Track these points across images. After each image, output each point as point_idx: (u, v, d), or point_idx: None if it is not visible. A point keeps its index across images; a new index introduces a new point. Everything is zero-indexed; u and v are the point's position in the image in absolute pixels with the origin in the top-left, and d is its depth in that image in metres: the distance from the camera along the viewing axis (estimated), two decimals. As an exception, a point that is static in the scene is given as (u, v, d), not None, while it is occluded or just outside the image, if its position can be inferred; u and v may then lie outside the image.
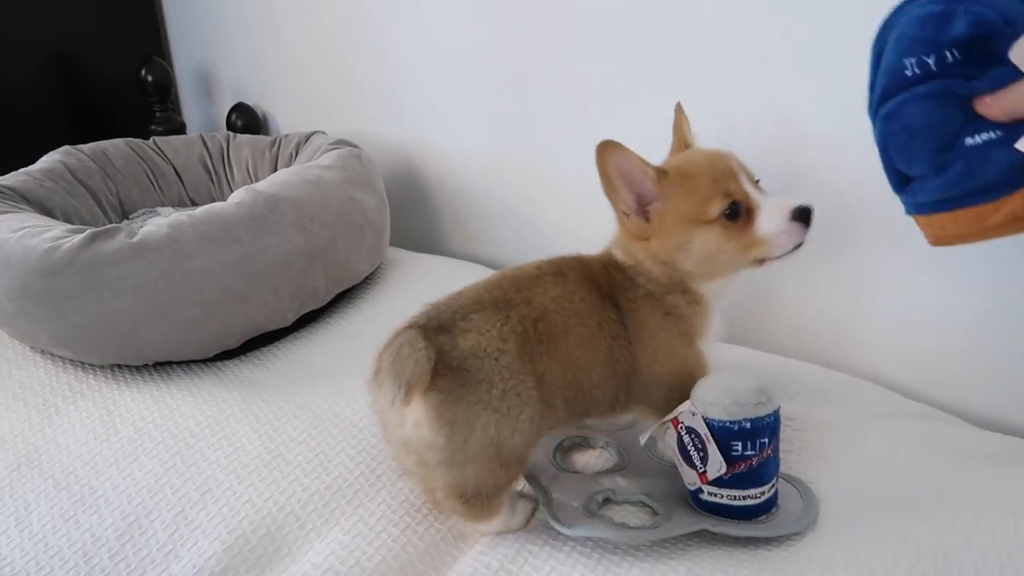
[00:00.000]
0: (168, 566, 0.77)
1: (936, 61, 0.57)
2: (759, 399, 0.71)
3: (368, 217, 1.30)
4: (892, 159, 0.62)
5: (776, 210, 0.74)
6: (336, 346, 1.19)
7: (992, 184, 0.57)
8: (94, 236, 1.04)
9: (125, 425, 0.98)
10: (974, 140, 0.56)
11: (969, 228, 0.59)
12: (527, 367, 0.71)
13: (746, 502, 0.72)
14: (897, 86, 0.60)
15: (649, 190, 0.76)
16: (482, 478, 0.71)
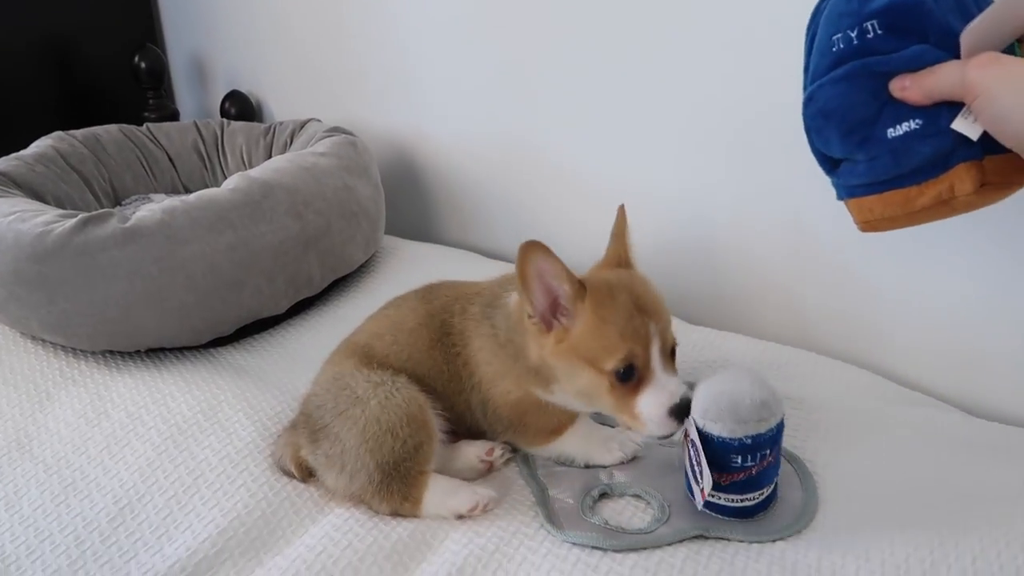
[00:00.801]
0: (161, 548, 0.76)
1: (858, 34, 0.56)
2: (761, 415, 0.68)
3: (363, 205, 1.29)
4: (813, 141, 0.62)
5: (659, 399, 0.71)
6: (330, 333, 1.16)
7: (918, 168, 0.57)
8: (86, 221, 1.03)
9: (117, 410, 0.97)
10: (896, 131, 0.56)
11: (896, 210, 0.59)
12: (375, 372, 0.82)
13: (744, 504, 0.72)
14: (825, 64, 0.59)
15: (563, 303, 0.73)
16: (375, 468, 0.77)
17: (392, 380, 0.81)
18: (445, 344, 0.84)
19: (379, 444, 0.77)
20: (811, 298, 1.11)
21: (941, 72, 0.52)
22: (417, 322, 0.86)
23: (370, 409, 0.78)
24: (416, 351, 0.84)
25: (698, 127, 1.14)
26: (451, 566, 0.71)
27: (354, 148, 1.35)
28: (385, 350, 0.85)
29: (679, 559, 0.69)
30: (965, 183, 0.55)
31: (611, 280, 0.75)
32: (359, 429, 0.78)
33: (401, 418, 0.77)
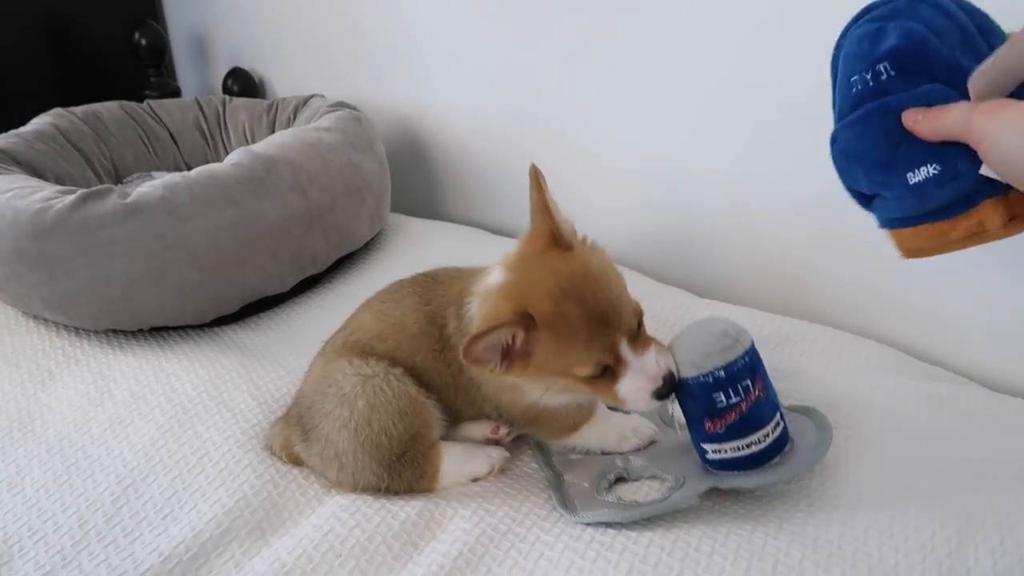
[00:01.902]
0: (166, 528, 0.75)
1: (873, 76, 0.58)
2: (725, 343, 0.68)
3: (368, 181, 1.26)
4: (844, 180, 0.63)
5: (637, 383, 0.69)
6: (336, 312, 1.14)
7: (943, 207, 0.58)
8: (85, 197, 1.00)
9: (120, 390, 0.96)
10: (915, 176, 0.57)
11: (931, 242, 0.61)
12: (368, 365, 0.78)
13: (752, 449, 0.69)
14: (847, 105, 0.61)
15: (519, 346, 0.68)
16: (379, 466, 0.76)
17: (385, 372, 0.76)
18: (447, 358, 0.78)
19: (375, 446, 0.75)
20: (826, 272, 1.08)
21: (949, 113, 0.53)
22: (419, 328, 0.80)
23: (358, 410, 0.75)
24: (421, 360, 0.79)
25: (710, 101, 1.11)
26: (462, 545, 0.69)
27: (359, 123, 1.32)
28: (388, 353, 0.80)
29: (695, 537, 0.67)
30: (994, 218, 0.57)
31: (555, 291, 0.67)
32: (350, 433, 0.75)
33: (392, 416, 0.75)
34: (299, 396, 0.84)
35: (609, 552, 0.66)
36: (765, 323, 1.03)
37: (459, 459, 0.78)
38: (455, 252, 1.30)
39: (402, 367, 0.79)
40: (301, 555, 0.70)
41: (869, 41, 0.59)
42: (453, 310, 0.79)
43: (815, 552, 0.65)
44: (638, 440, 0.80)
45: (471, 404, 0.80)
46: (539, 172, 0.74)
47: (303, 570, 0.69)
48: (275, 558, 0.70)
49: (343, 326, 0.87)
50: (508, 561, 0.67)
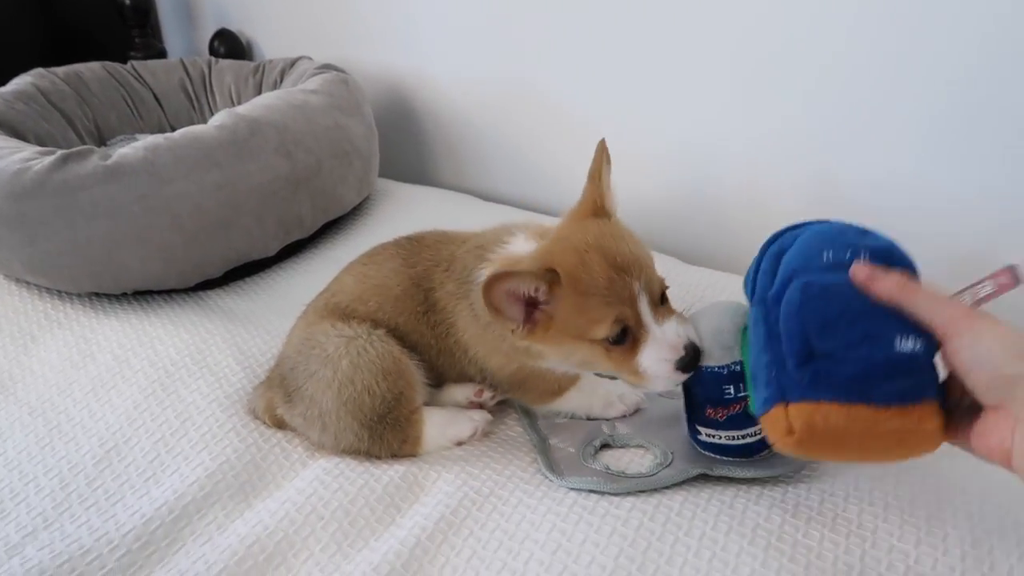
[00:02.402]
0: (148, 491, 0.75)
1: (851, 256, 0.59)
2: (743, 338, 0.67)
3: (355, 144, 1.24)
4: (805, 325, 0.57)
5: (660, 353, 0.66)
6: (322, 277, 1.12)
7: (898, 391, 0.55)
8: (65, 158, 0.99)
9: (103, 353, 0.95)
10: (902, 347, 0.55)
11: (856, 426, 0.55)
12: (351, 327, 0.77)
13: (744, 440, 0.70)
14: (808, 268, 0.60)
15: (540, 298, 0.67)
16: (360, 427, 0.75)
17: (368, 333, 0.76)
18: (433, 319, 0.78)
19: (358, 405, 0.75)
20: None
21: (926, 296, 0.54)
22: (402, 289, 0.79)
23: (342, 370, 0.75)
24: (404, 322, 0.79)
25: (709, 66, 1.09)
26: (444, 508, 0.69)
27: (346, 86, 1.30)
28: (370, 315, 0.79)
29: (677, 502, 0.67)
30: (931, 420, 0.55)
31: (581, 245, 0.67)
32: (334, 392, 0.75)
33: (376, 375, 0.74)
34: (281, 358, 0.83)
35: (591, 515, 0.66)
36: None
37: (442, 423, 0.78)
38: (445, 218, 1.28)
39: (384, 328, 0.78)
40: (284, 518, 0.70)
41: (854, 233, 0.61)
42: (439, 277, 0.78)
43: (795, 517, 0.65)
44: (624, 407, 0.80)
45: (454, 365, 0.80)
46: (605, 145, 0.73)
47: (285, 532, 0.69)
48: (257, 520, 0.70)
49: (325, 289, 0.87)
50: (490, 524, 0.67)
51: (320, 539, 0.68)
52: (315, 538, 0.69)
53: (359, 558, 0.66)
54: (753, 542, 0.63)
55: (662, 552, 0.62)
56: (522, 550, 0.64)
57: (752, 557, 0.61)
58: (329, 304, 0.82)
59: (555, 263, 0.66)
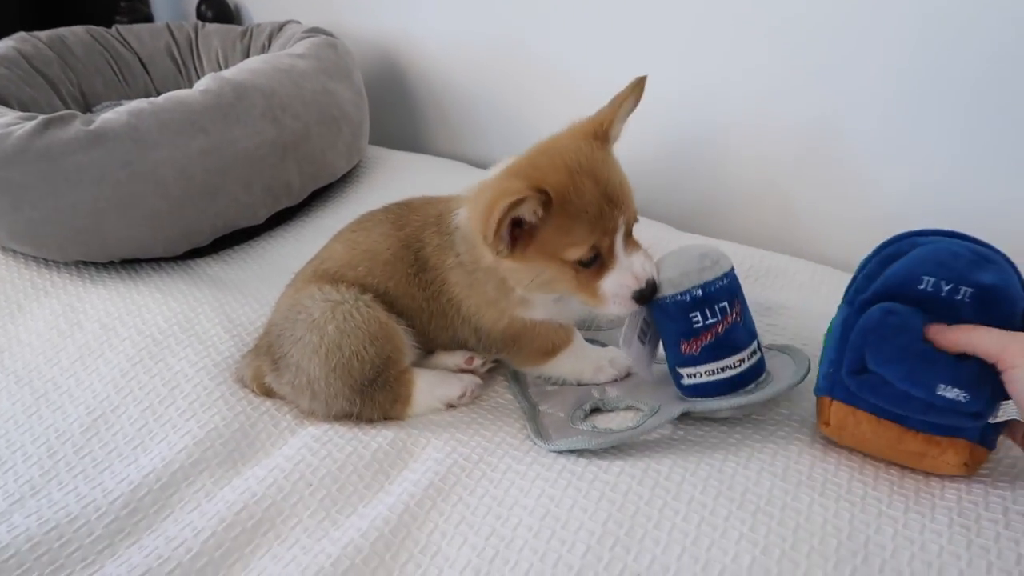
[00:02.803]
0: (136, 459, 0.74)
1: (950, 291, 0.60)
2: (703, 263, 0.69)
3: (344, 110, 1.22)
4: (866, 344, 0.62)
5: (623, 280, 0.69)
6: (313, 245, 1.11)
7: (934, 423, 0.60)
8: (47, 123, 0.97)
9: (90, 322, 0.94)
10: (946, 393, 0.58)
11: (881, 439, 0.63)
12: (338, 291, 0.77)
13: (726, 373, 0.69)
14: (902, 290, 0.62)
15: (528, 219, 0.67)
16: (351, 391, 0.75)
17: (355, 298, 0.76)
18: (424, 280, 0.78)
19: (347, 370, 0.74)
20: (811, 203, 1.06)
21: (979, 332, 0.58)
22: (392, 253, 0.79)
23: (328, 335, 0.74)
24: (394, 285, 0.78)
25: (704, 24, 1.06)
26: (433, 474, 0.69)
27: (335, 50, 1.27)
28: (359, 280, 0.79)
29: (666, 466, 0.67)
30: (957, 456, 0.61)
31: (574, 165, 0.67)
32: (321, 358, 0.74)
33: (363, 340, 0.74)
34: (269, 326, 0.82)
35: (580, 481, 0.66)
36: (747, 256, 1.02)
37: (432, 384, 0.78)
38: (437, 185, 1.26)
39: (373, 294, 0.77)
40: (272, 484, 0.70)
41: (965, 263, 0.60)
42: (428, 235, 0.78)
43: (784, 481, 0.65)
44: (615, 371, 0.79)
45: (446, 328, 0.79)
46: (643, 83, 0.74)
47: (273, 499, 0.69)
48: (246, 487, 0.70)
49: (314, 257, 0.86)
50: (479, 490, 0.67)
51: (309, 505, 0.68)
52: (304, 504, 0.68)
53: (348, 524, 0.66)
54: (742, 506, 0.63)
55: (650, 516, 0.62)
56: (511, 516, 0.64)
57: (741, 521, 0.61)
58: (318, 271, 0.81)
59: (547, 182, 0.65)
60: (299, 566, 0.62)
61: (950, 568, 0.56)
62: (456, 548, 0.62)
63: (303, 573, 0.61)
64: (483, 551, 0.61)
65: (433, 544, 0.63)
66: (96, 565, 0.64)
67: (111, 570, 0.63)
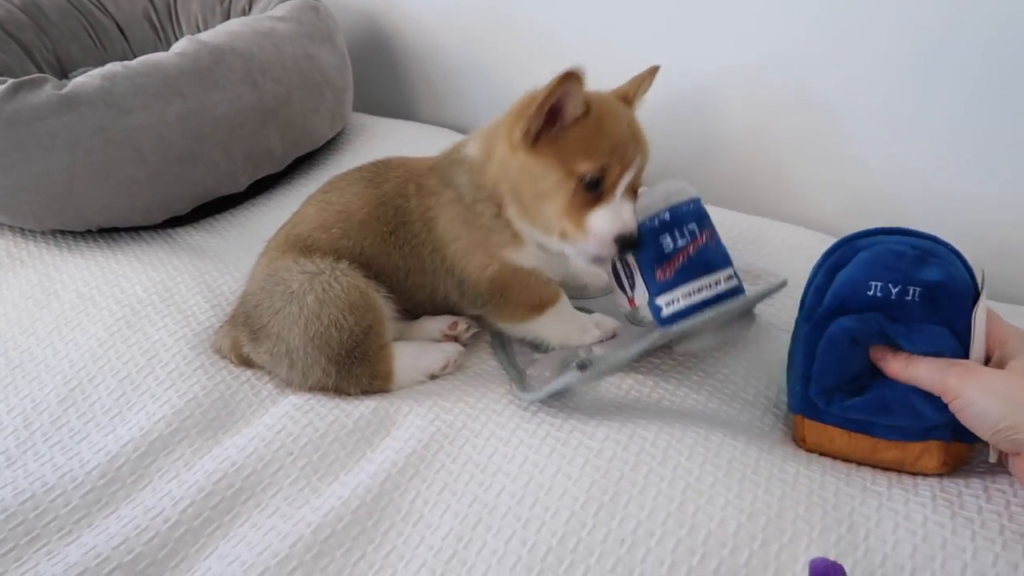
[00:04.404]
0: (114, 429, 0.73)
1: (899, 292, 0.60)
2: (669, 191, 0.71)
3: (327, 75, 1.19)
4: (828, 362, 0.63)
5: (610, 222, 0.69)
6: None
7: (902, 428, 0.61)
8: (17, 87, 0.94)
9: (67, 291, 0.92)
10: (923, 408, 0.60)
11: (856, 451, 0.64)
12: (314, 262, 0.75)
13: (703, 294, 0.69)
14: (854, 299, 0.62)
15: (565, 117, 0.68)
16: (328, 362, 0.74)
17: (331, 268, 0.74)
18: (403, 236, 0.77)
19: (325, 340, 0.73)
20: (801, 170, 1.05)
21: (921, 367, 0.59)
22: (367, 212, 0.77)
23: (308, 306, 0.73)
24: (370, 245, 0.77)
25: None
26: (416, 442, 0.68)
27: (316, 13, 1.24)
28: (332, 244, 0.77)
29: (652, 433, 0.66)
30: (933, 458, 0.61)
31: (616, 107, 0.72)
32: (301, 328, 0.73)
33: (343, 309, 0.73)
34: (245, 296, 0.80)
35: (564, 447, 0.65)
36: (736, 222, 1.01)
37: (413, 356, 0.76)
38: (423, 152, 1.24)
39: (348, 259, 0.76)
40: (252, 453, 0.69)
41: (909, 263, 0.60)
42: (413, 187, 0.78)
43: (771, 453, 0.65)
44: (600, 332, 0.78)
45: (425, 285, 0.78)
46: (656, 71, 0.78)
47: (253, 468, 0.68)
48: (225, 456, 0.69)
49: (285, 223, 0.84)
50: (462, 456, 0.66)
51: (290, 474, 0.67)
52: (284, 473, 0.67)
53: (329, 492, 0.65)
54: (728, 474, 0.62)
55: (635, 483, 0.61)
56: (494, 482, 0.63)
57: (727, 488, 0.61)
58: (290, 237, 0.80)
59: (590, 99, 0.69)
60: (279, 534, 0.61)
61: (935, 536, 0.56)
62: (439, 515, 0.61)
63: (283, 541, 0.60)
64: (466, 518, 0.60)
65: (416, 511, 0.62)
66: (73, 535, 0.64)
67: (88, 539, 0.62)
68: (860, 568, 0.54)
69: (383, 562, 0.59)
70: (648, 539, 0.57)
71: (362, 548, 0.60)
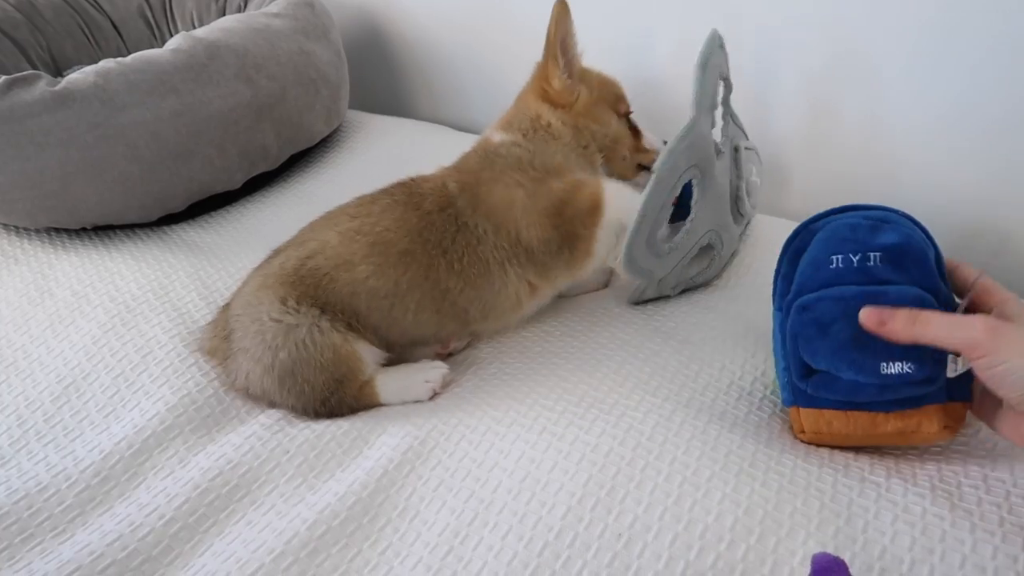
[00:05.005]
0: (108, 427, 0.73)
1: (860, 259, 0.60)
2: None
3: (322, 71, 1.19)
4: (799, 348, 0.61)
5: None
6: (291, 211, 1.11)
7: (895, 400, 0.60)
8: (10, 84, 0.93)
9: (61, 289, 0.92)
10: (889, 368, 0.58)
11: (857, 430, 0.62)
12: (298, 311, 0.72)
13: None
14: (819, 278, 0.61)
15: (572, 69, 0.85)
16: (307, 405, 0.73)
17: (310, 324, 0.71)
18: (461, 242, 0.74)
19: (300, 392, 0.71)
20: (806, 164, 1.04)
21: (937, 323, 0.55)
22: (410, 240, 0.74)
23: (280, 362, 0.71)
24: (410, 277, 0.73)
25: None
26: (412, 439, 0.68)
27: (311, 9, 1.23)
28: (359, 282, 0.73)
29: (648, 427, 0.65)
30: (932, 423, 0.60)
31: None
32: (274, 380, 0.72)
33: (313, 368, 0.71)
34: (231, 310, 0.78)
35: (560, 442, 0.65)
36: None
37: (398, 390, 0.74)
38: (420, 150, 1.24)
39: (364, 302, 0.73)
40: (248, 451, 0.69)
41: (864, 232, 0.61)
42: (455, 186, 0.77)
43: (768, 447, 0.64)
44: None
45: (486, 287, 0.76)
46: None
47: (249, 465, 0.67)
48: (221, 454, 0.69)
49: (299, 241, 0.78)
50: (458, 452, 0.66)
51: (286, 471, 0.67)
52: (280, 470, 0.67)
53: (325, 489, 0.65)
54: (725, 467, 0.62)
55: (632, 477, 0.61)
56: (490, 478, 0.63)
57: (723, 482, 0.60)
58: (302, 271, 0.74)
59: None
60: (274, 531, 0.60)
61: (934, 528, 0.55)
62: (435, 511, 0.61)
63: (279, 537, 0.60)
64: (462, 514, 0.60)
65: (411, 508, 0.62)
66: (67, 534, 0.63)
67: (82, 537, 0.62)
68: (859, 560, 0.53)
69: (379, 559, 0.58)
70: (645, 534, 0.56)
71: (358, 544, 0.59)
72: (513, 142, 0.81)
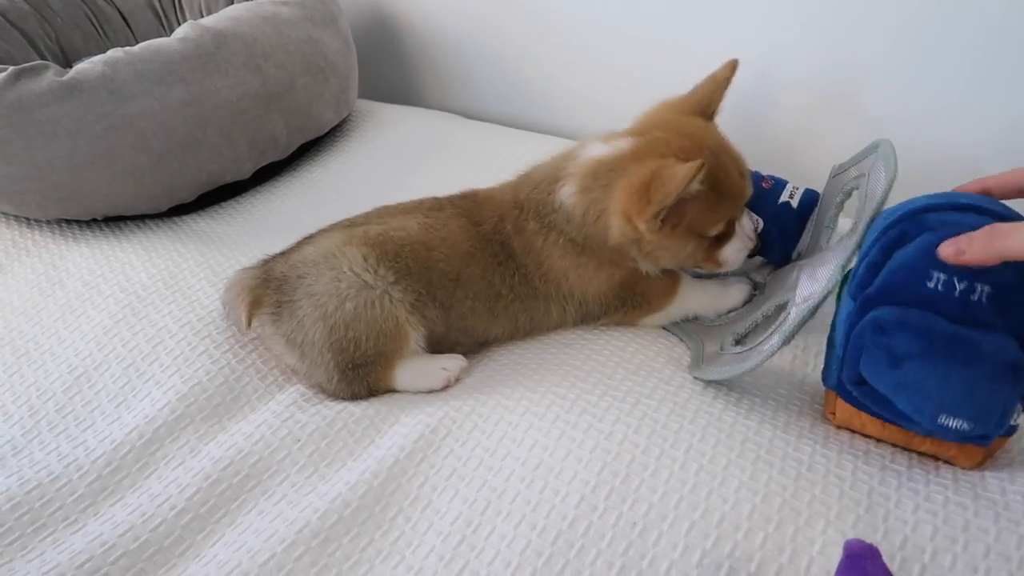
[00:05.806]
0: (119, 416, 0.72)
1: (965, 289, 0.52)
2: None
3: (331, 60, 1.18)
4: (860, 362, 0.57)
5: (740, 244, 0.75)
6: (301, 200, 1.11)
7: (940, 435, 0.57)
8: (18, 74, 0.93)
9: (72, 280, 0.91)
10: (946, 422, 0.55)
11: (889, 437, 0.61)
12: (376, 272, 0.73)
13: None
14: (908, 288, 0.54)
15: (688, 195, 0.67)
16: (335, 368, 0.72)
17: (386, 287, 0.72)
18: (511, 267, 0.76)
19: (341, 348, 0.71)
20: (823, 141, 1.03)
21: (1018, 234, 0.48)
22: (472, 245, 0.77)
23: (344, 312, 0.71)
24: (470, 273, 0.76)
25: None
26: (424, 427, 0.67)
27: (319, -3, 1.22)
28: (431, 263, 0.75)
29: (663, 415, 0.65)
30: (968, 460, 0.59)
31: (712, 144, 0.71)
32: (326, 328, 0.71)
33: (371, 330, 0.71)
34: (293, 259, 0.77)
35: (574, 430, 0.64)
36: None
37: (412, 377, 0.74)
38: (429, 139, 1.24)
39: (434, 281, 0.75)
40: (259, 440, 0.68)
41: None
42: (510, 226, 0.77)
43: (785, 432, 0.63)
44: (741, 290, 0.79)
45: (534, 309, 0.78)
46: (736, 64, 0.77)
47: (260, 455, 0.67)
48: (232, 443, 0.68)
49: (381, 218, 0.80)
50: (471, 441, 0.65)
51: (297, 460, 0.67)
52: (291, 460, 0.67)
53: (336, 478, 0.64)
54: (742, 455, 0.61)
55: (647, 465, 0.60)
56: (503, 467, 0.62)
57: (740, 470, 0.59)
58: (384, 236, 0.76)
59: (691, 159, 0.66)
60: (285, 520, 0.60)
61: (956, 517, 0.54)
62: (447, 500, 0.60)
63: (290, 527, 0.59)
64: (474, 503, 0.59)
65: (424, 497, 0.61)
66: (79, 524, 0.63)
67: (94, 528, 0.62)
68: (880, 549, 0.52)
69: (391, 548, 0.58)
70: (660, 522, 0.56)
71: (370, 534, 0.59)
72: (574, 207, 0.73)
